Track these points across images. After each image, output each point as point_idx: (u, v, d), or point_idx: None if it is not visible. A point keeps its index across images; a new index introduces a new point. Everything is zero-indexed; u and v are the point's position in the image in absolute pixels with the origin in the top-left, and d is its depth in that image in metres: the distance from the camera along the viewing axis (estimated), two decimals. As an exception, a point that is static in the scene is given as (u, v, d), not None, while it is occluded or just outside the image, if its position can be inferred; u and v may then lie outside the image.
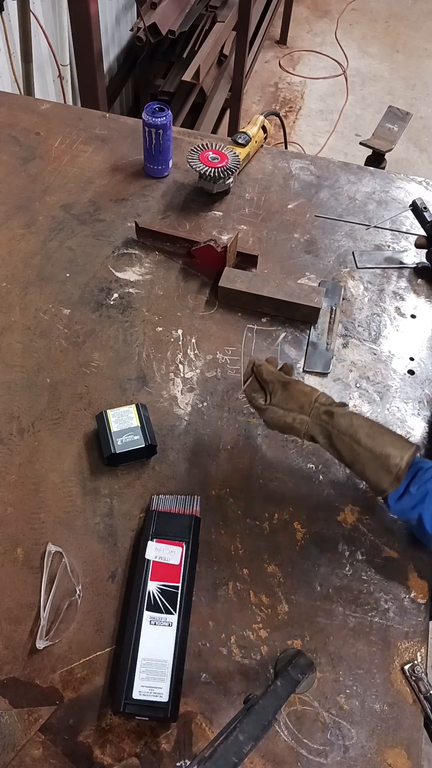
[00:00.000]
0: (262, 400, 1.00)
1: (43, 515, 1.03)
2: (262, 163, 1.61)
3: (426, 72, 4.11)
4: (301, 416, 0.96)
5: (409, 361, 1.26)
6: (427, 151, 3.61)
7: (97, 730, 0.86)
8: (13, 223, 1.44)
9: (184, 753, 0.85)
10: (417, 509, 0.91)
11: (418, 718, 0.89)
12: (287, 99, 3.89)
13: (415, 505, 0.91)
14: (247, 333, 1.28)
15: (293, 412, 0.97)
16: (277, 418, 0.98)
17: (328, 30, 4.37)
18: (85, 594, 0.96)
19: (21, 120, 1.67)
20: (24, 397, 1.17)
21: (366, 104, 3.86)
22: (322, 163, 1.63)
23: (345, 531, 1.05)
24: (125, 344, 1.25)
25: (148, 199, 1.51)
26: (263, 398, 1.00)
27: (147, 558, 0.95)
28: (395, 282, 1.39)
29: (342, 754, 0.86)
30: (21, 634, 0.93)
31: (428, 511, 0.90)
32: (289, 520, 1.05)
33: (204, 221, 1.47)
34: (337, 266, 1.41)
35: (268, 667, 0.92)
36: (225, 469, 1.10)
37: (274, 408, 0.98)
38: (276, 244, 1.44)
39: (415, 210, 1.36)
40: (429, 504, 0.90)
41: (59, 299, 1.31)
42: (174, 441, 1.13)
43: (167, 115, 1.45)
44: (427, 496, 0.90)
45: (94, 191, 1.52)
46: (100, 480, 1.08)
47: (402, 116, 2.06)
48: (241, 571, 1.00)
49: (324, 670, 0.92)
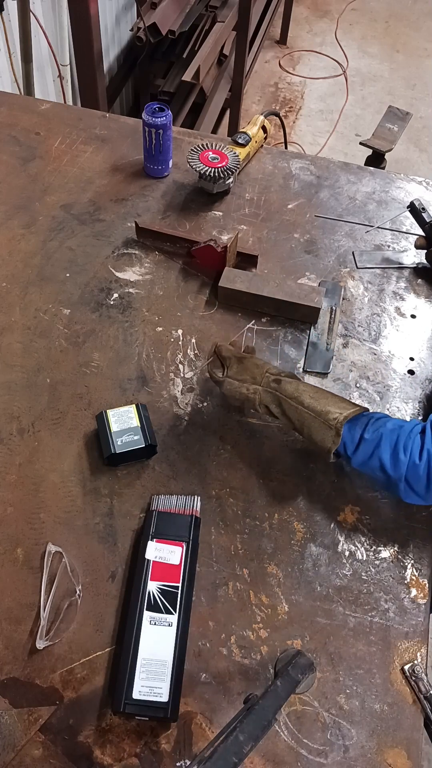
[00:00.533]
0: (220, 373, 1.08)
1: (43, 515, 1.03)
2: (262, 163, 1.61)
3: (426, 72, 4.11)
4: (254, 386, 1.04)
5: (409, 361, 1.26)
6: (427, 151, 3.61)
7: (97, 730, 0.86)
8: (13, 223, 1.44)
9: (184, 753, 0.85)
10: (375, 455, 0.94)
11: (418, 718, 0.89)
12: (287, 99, 3.89)
13: (372, 451, 0.94)
14: (247, 333, 1.28)
15: (247, 383, 1.05)
16: (233, 389, 1.06)
17: (328, 30, 4.37)
18: (85, 594, 0.96)
19: (21, 120, 1.67)
20: (24, 397, 1.17)
21: (366, 104, 3.85)
22: (322, 163, 1.63)
23: (345, 531, 1.05)
24: (125, 344, 1.25)
25: (148, 199, 1.51)
26: (221, 372, 1.08)
27: (147, 558, 0.95)
28: (395, 282, 1.39)
29: (342, 754, 0.86)
30: (21, 634, 0.93)
31: (386, 453, 0.93)
32: (289, 520, 1.05)
33: (204, 221, 1.47)
34: (337, 266, 1.41)
35: (268, 667, 0.92)
36: (225, 469, 1.10)
37: (230, 380, 1.06)
38: (276, 244, 1.44)
39: (414, 211, 1.36)
40: (385, 446, 0.94)
41: (59, 299, 1.31)
42: (174, 441, 1.13)
43: (167, 115, 1.45)
44: (382, 439, 0.94)
45: (94, 191, 1.52)
46: (100, 480, 1.08)
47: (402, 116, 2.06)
48: (241, 571, 1.00)
49: (324, 670, 0.92)
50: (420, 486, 0.93)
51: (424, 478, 0.91)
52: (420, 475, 0.92)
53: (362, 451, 0.95)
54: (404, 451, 0.93)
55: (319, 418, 0.98)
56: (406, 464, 0.92)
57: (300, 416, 0.99)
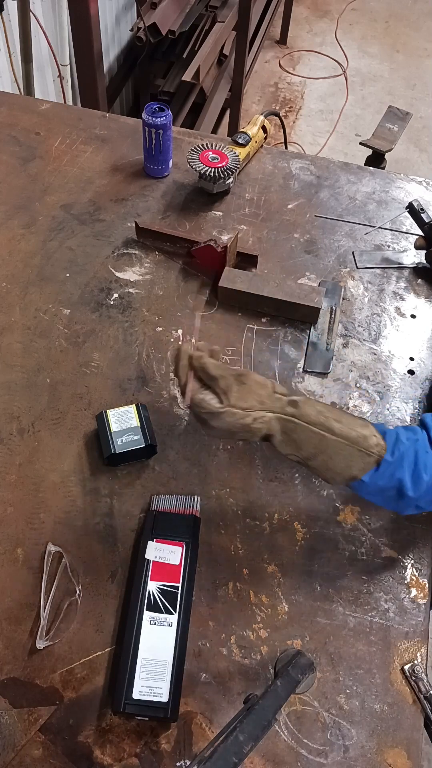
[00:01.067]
0: (216, 401, 0.83)
1: (43, 515, 1.03)
2: (262, 163, 1.61)
3: (426, 72, 4.11)
4: (263, 413, 0.83)
5: (409, 361, 1.26)
6: (427, 151, 3.61)
7: (97, 730, 0.86)
8: (13, 223, 1.44)
9: (184, 753, 0.85)
10: (395, 476, 0.83)
11: (418, 718, 0.89)
12: (287, 99, 3.89)
13: (393, 472, 0.83)
14: (247, 333, 1.28)
15: (254, 410, 0.83)
16: (234, 421, 0.82)
17: (328, 30, 4.37)
18: (85, 594, 0.96)
19: (21, 120, 1.67)
20: (24, 397, 1.17)
21: (366, 104, 3.85)
22: (322, 163, 1.63)
23: (345, 531, 1.05)
24: (125, 344, 1.25)
25: (148, 199, 1.51)
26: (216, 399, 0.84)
27: (147, 558, 0.95)
28: (395, 282, 1.39)
29: (342, 754, 0.86)
30: (21, 634, 0.93)
31: (408, 473, 0.82)
32: (289, 520, 1.05)
33: (204, 221, 1.47)
34: (337, 266, 1.41)
35: (268, 667, 0.92)
36: (225, 469, 1.10)
37: (232, 410, 0.82)
38: (276, 244, 1.44)
39: (413, 211, 1.36)
40: (407, 466, 0.82)
41: (59, 299, 1.31)
42: (174, 441, 1.13)
43: (167, 115, 1.45)
44: (404, 459, 0.83)
45: (94, 191, 1.52)
46: (100, 480, 1.08)
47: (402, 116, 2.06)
48: (241, 571, 1.00)
49: (324, 670, 0.92)
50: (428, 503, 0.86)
51: None
52: None
53: (382, 473, 0.83)
54: (425, 470, 0.83)
55: (353, 445, 0.82)
56: (427, 484, 0.82)
57: (321, 443, 0.82)
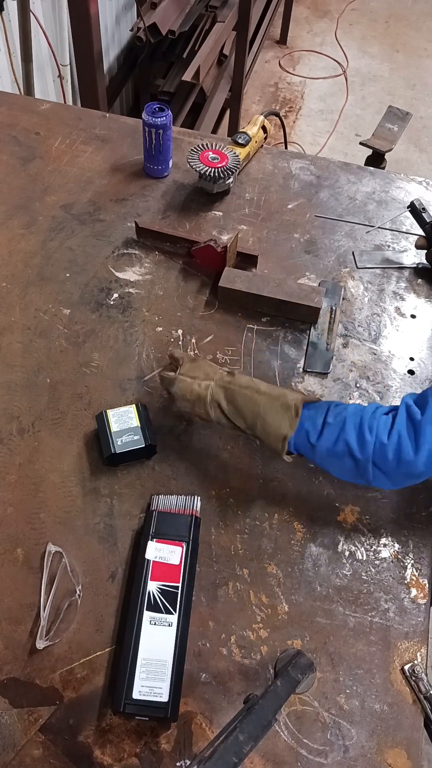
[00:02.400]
0: (172, 372, 1.06)
1: (43, 515, 1.03)
2: (262, 163, 1.61)
3: (426, 72, 4.11)
4: (207, 382, 1.03)
5: (409, 361, 1.26)
6: (427, 152, 3.61)
7: (97, 730, 0.86)
8: (13, 223, 1.44)
9: (184, 753, 0.85)
10: (340, 439, 0.92)
11: (418, 718, 0.89)
12: (287, 99, 3.89)
13: (338, 435, 0.92)
14: (247, 333, 1.28)
15: (199, 379, 1.03)
16: (185, 386, 1.03)
17: (328, 30, 4.37)
18: (85, 594, 0.96)
19: (21, 120, 1.67)
20: (24, 397, 1.17)
21: (366, 104, 3.85)
22: (322, 163, 1.63)
23: (345, 531, 1.05)
24: (125, 344, 1.25)
25: (148, 199, 1.51)
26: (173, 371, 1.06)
27: (147, 558, 0.95)
28: (395, 282, 1.39)
29: (342, 754, 0.86)
30: (21, 634, 0.93)
31: (351, 435, 0.91)
32: (289, 520, 1.05)
33: (204, 221, 1.47)
34: (337, 266, 1.41)
35: (268, 667, 0.92)
36: (225, 469, 1.10)
37: (182, 377, 1.04)
38: (276, 244, 1.44)
39: (414, 211, 1.36)
40: (350, 428, 0.92)
41: (59, 299, 1.31)
42: (174, 441, 1.13)
43: (167, 115, 1.45)
44: (345, 422, 0.92)
45: (94, 191, 1.52)
46: (100, 480, 1.08)
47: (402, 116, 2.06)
48: (241, 571, 1.00)
49: (324, 670, 0.92)
50: (388, 467, 0.90)
51: (393, 460, 0.89)
52: (388, 456, 0.89)
53: (326, 437, 0.93)
54: (369, 431, 0.91)
55: (276, 401, 0.97)
56: (372, 444, 0.90)
57: (254, 405, 0.98)
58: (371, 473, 0.92)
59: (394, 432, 0.90)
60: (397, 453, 0.89)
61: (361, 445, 0.91)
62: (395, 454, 0.89)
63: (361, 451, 0.91)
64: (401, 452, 0.89)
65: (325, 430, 0.93)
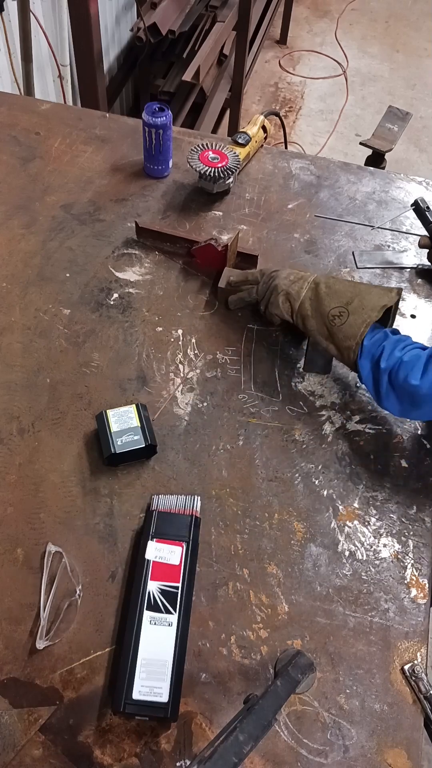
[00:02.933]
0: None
1: (43, 515, 1.03)
2: (262, 163, 1.61)
3: (426, 72, 4.12)
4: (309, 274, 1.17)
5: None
6: (427, 152, 3.61)
7: (97, 730, 0.86)
8: (13, 223, 1.44)
9: (184, 753, 0.85)
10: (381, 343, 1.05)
11: (418, 718, 0.89)
12: (287, 99, 3.89)
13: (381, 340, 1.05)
14: (247, 333, 1.28)
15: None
16: (290, 272, 1.18)
17: (328, 30, 4.37)
18: (85, 594, 0.96)
19: (21, 120, 1.67)
20: (24, 397, 1.17)
21: (366, 104, 3.86)
22: (322, 163, 1.63)
23: (345, 531, 1.05)
24: (125, 344, 1.25)
25: (148, 199, 1.51)
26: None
27: (147, 558, 0.95)
28: (395, 282, 1.39)
29: (342, 754, 0.86)
30: (21, 634, 0.93)
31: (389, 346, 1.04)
32: (289, 520, 1.05)
33: (204, 221, 1.47)
34: (337, 266, 1.41)
35: (268, 667, 0.92)
36: (225, 469, 1.10)
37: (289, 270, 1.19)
38: (276, 244, 1.44)
39: (418, 210, 1.36)
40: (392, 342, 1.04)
41: (59, 299, 1.31)
42: (174, 441, 1.13)
43: (167, 115, 1.45)
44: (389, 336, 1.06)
45: (94, 191, 1.52)
46: (100, 480, 1.08)
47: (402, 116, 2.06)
48: (241, 571, 1.00)
49: (324, 670, 0.92)
50: (398, 384, 1.01)
51: (402, 377, 1.00)
52: (399, 373, 1.00)
53: (374, 339, 1.05)
54: (401, 349, 1.02)
55: (376, 287, 1.11)
56: (396, 358, 1.01)
57: (355, 287, 1.10)
58: (384, 387, 1.03)
59: (415, 356, 1.01)
60: (406, 371, 1.00)
61: (388, 357, 1.02)
62: (405, 372, 1.00)
63: (386, 361, 1.02)
64: (410, 373, 0.99)
65: (377, 332, 1.07)
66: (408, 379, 0.99)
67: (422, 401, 1.01)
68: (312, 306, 1.12)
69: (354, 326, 1.07)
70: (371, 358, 1.05)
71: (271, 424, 1.16)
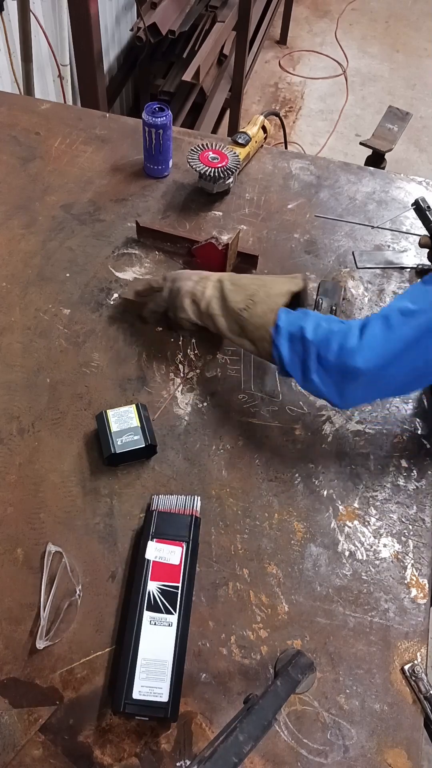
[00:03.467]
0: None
1: (43, 515, 1.03)
2: (262, 163, 1.61)
3: (426, 72, 4.12)
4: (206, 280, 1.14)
5: (409, 361, 1.26)
6: (427, 151, 3.61)
7: (97, 730, 0.86)
8: (13, 223, 1.44)
9: (184, 753, 0.85)
10: (298, 324, 0.99)
11: (418, 718, 0.89)
12: (287, 99, 3.89)
13: (298, 320, 0.99)
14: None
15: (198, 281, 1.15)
16: (190, 272, 1.17)
17: (328, 30, 4.37)
18: (85, 594, 0.96)
19: (21, 120, 1.67)
20: (24, 397, 1.17)
21: (366, 104, 3.86)
22: (322, 163, 1.63)
23: (345, 531, 1.05)
24: (125, 344, 1.25)
25: (148, 199, 1.51)
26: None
27: (147, 558, 0.95)
28: (395, 282, 1.39)
29: (342, 754, 0.86)
30: (21, 634, 0.93)
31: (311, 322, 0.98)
32: (288, 520, 1.05)
33: (204, 221, 1.47)
34: (337, 266, 1.41)
35: (268, 667, 0.92)
36: (225, 469, 1.10)
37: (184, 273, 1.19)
38: (276, 245, 1.44)
39: (419, 209, 1.36)
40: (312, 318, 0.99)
41: (59, 299, 1.31)
42: (174, 441, 1.13)
43: (167, 114, 1.45)
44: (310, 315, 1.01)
45: (94, 191, 1.52)
46: (100, 480, 1.08)
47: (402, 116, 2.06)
48: (241, 571, 1.00)
49: (324, 670, 0.92)
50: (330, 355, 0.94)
51: (336, 348, 0.93)
52: (332, 342, 0.94)
53: (292, 319, 1.00)
54: (327, 321, 0.98)
55: (282, 277, 1.11)
56: (325, 330, 0.95)
57: (259, 280, 1.10)
58: (313, 362, 0.96)
59: (347, 325, 0.96)
60: (339, 341, 0.93)
61: (315, 330, 0.96)
62: (338, 342, 0.93)
63: (313, 333, 0.96)
64: (345, 341, 0.93)
65: (292, 314, 1.02)
66: (345, 346, 0.92)
67: (360, 373, 0.93)
68: (219, 304, 1.10)
69: (262, 315, 1.04)
70: (290, 336, 0.99)
71: (271, 424, 1.16)
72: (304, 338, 0.96)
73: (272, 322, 1.02)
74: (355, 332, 0.93)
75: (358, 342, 0.92)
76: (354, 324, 0.95)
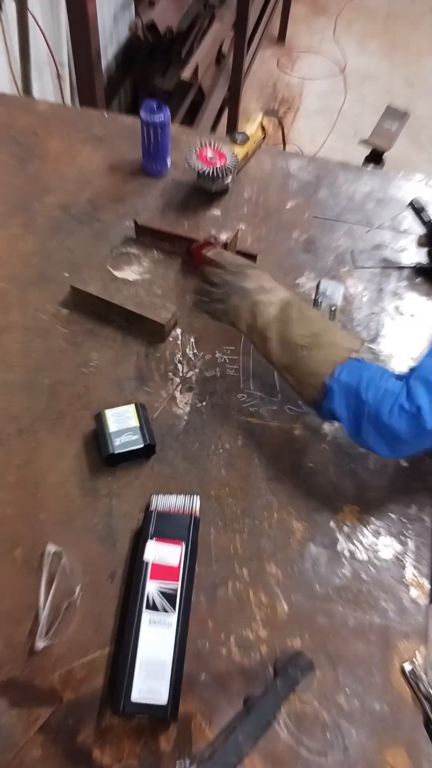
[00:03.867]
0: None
1: (42, 515, 1.03)
2: (260, 163, 1.61)
3: (425, 70, 4.11)
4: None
5: (409, 360, 1.26)
6: (426, 150, 3.61)
7: (96, 730, 0.86)
8: (11, 224, 1.44)
9: (184, 753, 0.85)
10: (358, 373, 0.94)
11: (418, 718, 0.89)
12: (286, 98, 3.89)
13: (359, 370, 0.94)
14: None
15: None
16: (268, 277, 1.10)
17: (326, 28, 4.37)
18: (85, 594, 0.96)
19: (19, 120, 1.66)
20: (23, 397, 1.17)
21: (365, 103, 3.85)
22: (320, 163, 1.63)
23: (345, 531, 1.05)
24: (124, 344, 1.25)
25: (147, 199, 1.51)
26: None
27: (146, 558, 0.95)
28: (394, 281, 1.39)
29: (342, 754, 0.86)
30: (20, 634, 0.93)
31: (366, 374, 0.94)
32: (288, 520, 1.05)
33: (203, 220, 1.47)
34: (335, 265, 1.41)
35: (268, 667, 0.92)
36: (224, 469, 1.10)
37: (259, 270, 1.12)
38: (274, 244, 1.44)
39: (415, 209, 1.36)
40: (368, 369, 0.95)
41: (58, 299, 1.31)
42: (173, 441, 1.13)
43: (165, 113, 1.45)
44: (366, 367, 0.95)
45: (92, 191, 1.52)
46: (99, 480, 1.08)
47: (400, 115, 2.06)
48: (241, 571, 1.00)
49: (324, 670, 0.92)
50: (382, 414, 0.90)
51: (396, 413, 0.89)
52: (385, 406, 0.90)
53: (351, 369, 0.94)
54: (383, 379, 0.93)
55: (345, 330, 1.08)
56: (382, 390, 0.91)
57: (325, 322, 1.02)
58: (367, 421, 0.92)
59: (401, 382, 0.92)
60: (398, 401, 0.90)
61: (369, 387, 0.92)
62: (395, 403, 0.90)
63: (369, 393, 0.92)
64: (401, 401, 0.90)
65: (351, 362, 0.96)
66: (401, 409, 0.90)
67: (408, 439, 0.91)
68: (278, 329, 1.01)
69: (322, 363, 0.96)
70: (345, 394, 0.94)
71: (271, 424, 1.15)
72: (359, 397, 0.92)
73: (329, 374, 0.95)
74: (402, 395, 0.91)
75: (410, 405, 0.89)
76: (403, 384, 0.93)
